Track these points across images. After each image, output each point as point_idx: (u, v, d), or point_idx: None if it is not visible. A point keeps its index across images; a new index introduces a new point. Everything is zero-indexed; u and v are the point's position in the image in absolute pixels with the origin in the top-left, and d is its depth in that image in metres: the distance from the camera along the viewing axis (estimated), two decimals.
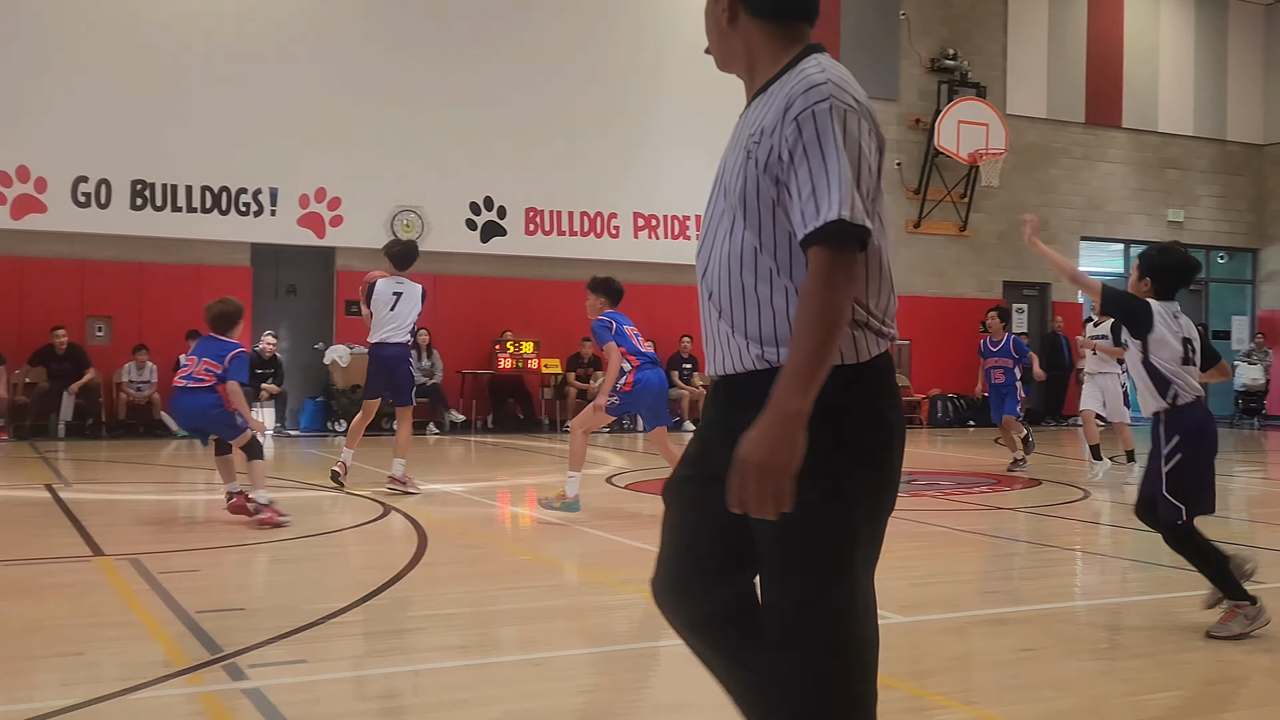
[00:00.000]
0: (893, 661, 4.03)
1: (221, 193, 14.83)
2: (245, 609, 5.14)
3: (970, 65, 18.58)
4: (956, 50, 18.58)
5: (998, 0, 18.96)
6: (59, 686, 3.85)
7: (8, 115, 13.98)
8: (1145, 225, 20.18)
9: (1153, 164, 20.49)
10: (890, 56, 18.42)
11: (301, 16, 15.43)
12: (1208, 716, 3.65)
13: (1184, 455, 4.18)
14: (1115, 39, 20.00)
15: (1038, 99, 19.52)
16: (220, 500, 7.84)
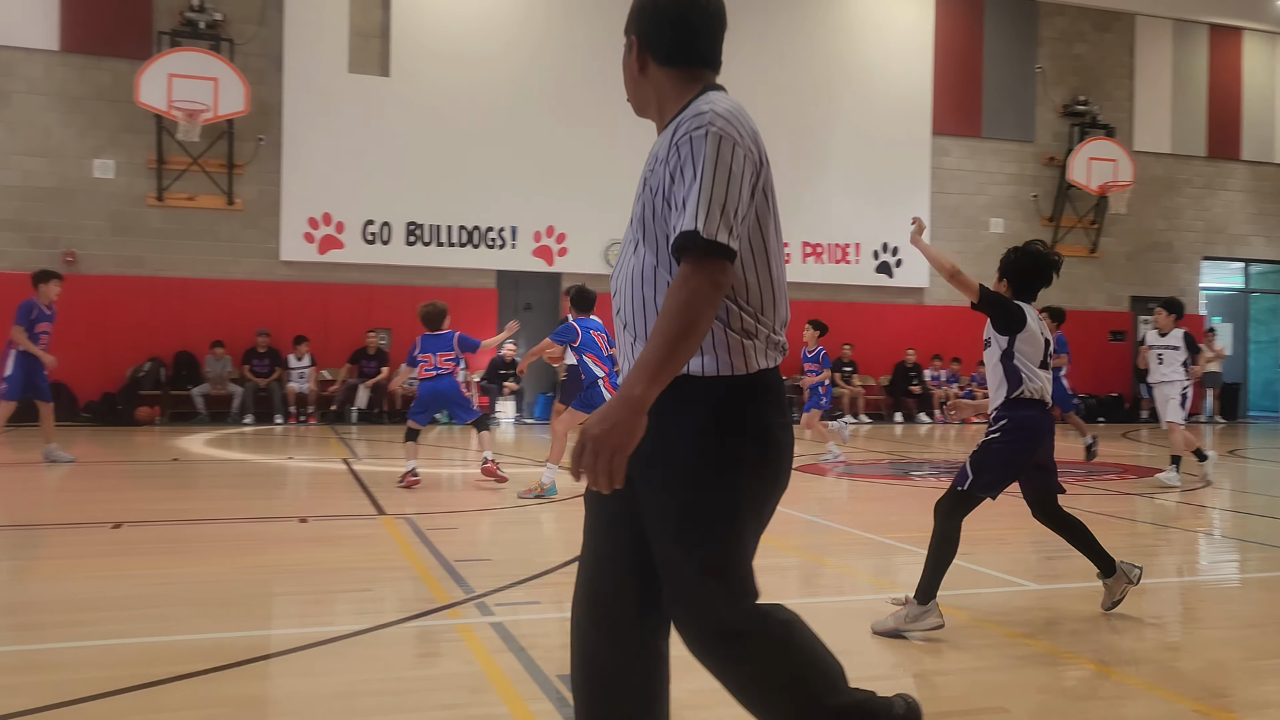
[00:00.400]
0: (1027, 622, 4.22)
1: (474, 231, 16.83)
2: (491, 560, 5.67)
3: (1100, 109, 19.64)
4: (1087, 97, 19.69)
5: (1125, 52, 20.07)
6: (354, 615, 4.40)
7: (319, 174, 16.30)
8: (1264, 246, 21.09)
9: (1270, 192, 21.13)
10: (1027, 104, 19.55)
11: (536, 84, 16.89)
12: None
13: (1002, 439, 4.15)
14: (1234, 80, 20.75)
15: (1163, 136, 20.38)
16: (474, 472, 8.84)
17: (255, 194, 15.95)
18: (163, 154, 15.66)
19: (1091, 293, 19.90)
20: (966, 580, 4.97)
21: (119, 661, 3.58)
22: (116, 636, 3.96)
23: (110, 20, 15.47)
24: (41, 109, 15.32)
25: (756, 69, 17.41)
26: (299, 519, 6.97)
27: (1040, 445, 4.20)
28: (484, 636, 4.00)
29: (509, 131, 16.63)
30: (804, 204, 17.71)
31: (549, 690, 3.30)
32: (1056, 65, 19.73)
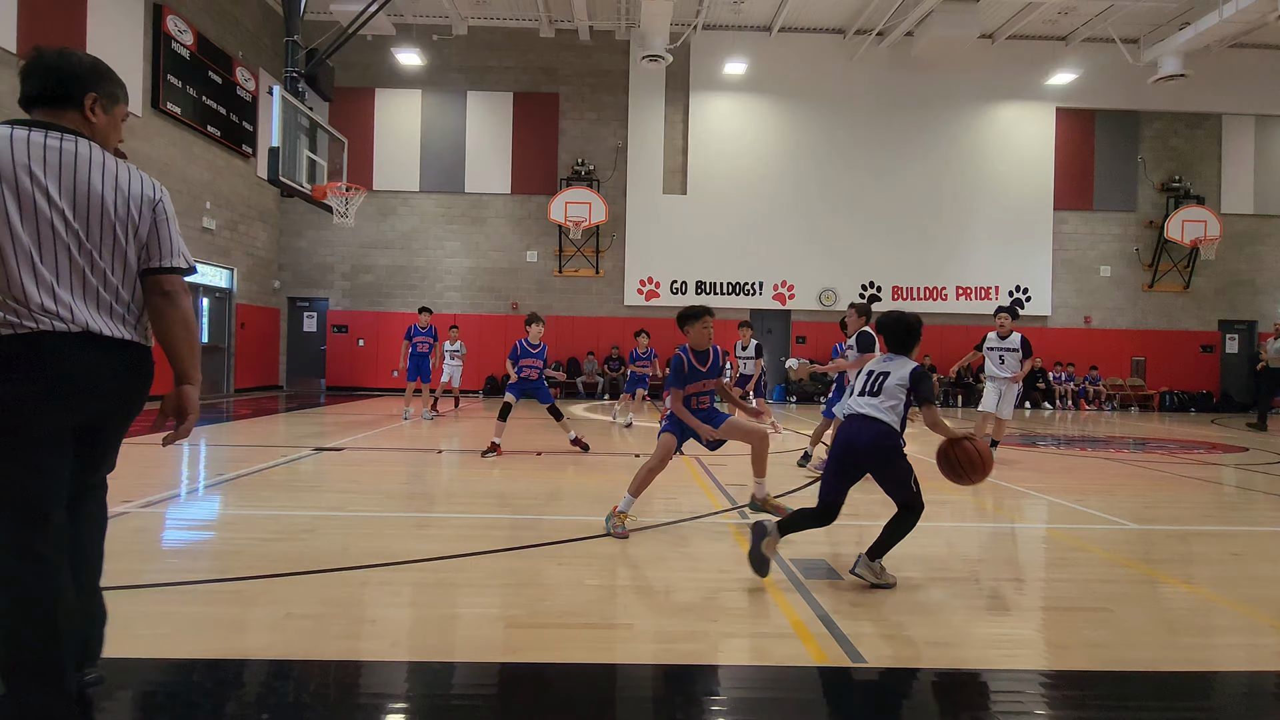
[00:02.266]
0: (1129, 553, 3.75)
1: (736, 284, 17.30)
2: (747, 485, 3.88)
3: (1191, 184, 17.98)
4: (1181, 175, 18.10)
5: (1214, 141, 18.21)
6: (664, 512, 4.39)
7: (646, 254, 17.61)
8: None
9: None
10: (1130, 184, 18.23)
11: (771, 193, 17.36)
12: None
13: None
14: None
15: (1247, 200, 18.40)
16: None
17: (611, 267, 17.30)
18: (562, 246, 17.56)
19: (1185, 317, 18.32)
20: (1079, 518, 4.68)
21: (541, 528, 4.01)
22: (544, 514, 4.38)
23: (536, 173, 17.60)
24: (502, 225, 17.69)
25: (924, 170, 17.31)
26: (635, 455, 7.08)
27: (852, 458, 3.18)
28: (743, 531, 3.99)
29: (757, 220, 17.11)
30: (957, 260, 17.34)
31: (784, 567, 3.36)
32: (1155, 155, 18.16)
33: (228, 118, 14.75)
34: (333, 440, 7.62)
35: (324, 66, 10.81)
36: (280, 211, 17.40)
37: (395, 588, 3.00)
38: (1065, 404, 17.37)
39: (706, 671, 2.31)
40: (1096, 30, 16.89)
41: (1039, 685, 2.28)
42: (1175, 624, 2.82)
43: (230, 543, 3.68)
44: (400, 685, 2.21)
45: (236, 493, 4.88)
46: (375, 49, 17.35)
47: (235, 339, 15.63)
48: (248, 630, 2.54)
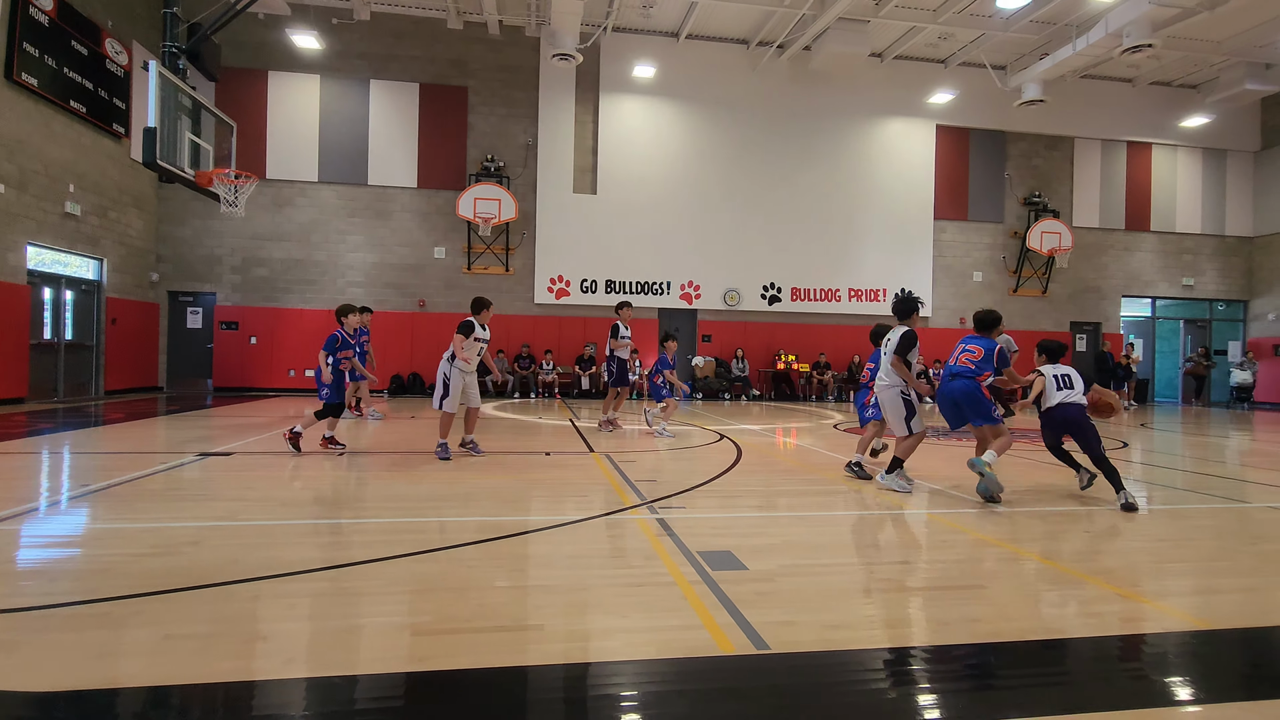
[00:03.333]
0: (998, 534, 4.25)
1: (645, 283, 17.27)
2: (656, 480, 5.44)
3: (1048, 199, 19.66)
4: (1040, 192, 19.74)
5: (1067, 162, 19.97)
6: (575, 509, 4.38)
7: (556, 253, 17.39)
8: (1166, 287, 20.47)
9: (1172, 250, 20.59)
10: (999, 197, 19.69)
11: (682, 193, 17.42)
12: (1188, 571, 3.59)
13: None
14: (1145, 177, 20.36)
15: (1093, 215, 20.23)
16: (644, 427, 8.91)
17: (521, 265, 16.90)
18: (471, 243, 17.06)
19: (1043, 319, 19.97)
20: (955, 503, 4.97)
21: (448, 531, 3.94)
22: (450, 516, 4.28)
23: (444, 168, 17.03)
24: (408, 219, 16.99)
25: (820, 178, 17.93)
26: (545, 453, 7.00)
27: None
28: (651, 525, 4.02)
29: (666, 222, 17.20)
30: (849, 264, 18.16)
31: (692, 560, 3.35)
32: (1019, 171, 19.78)
33: (95, 93, 13.32)
34: (221, 444, 7.12)
35: (209, 43, 9.97)
36: (159, 198, 15.92)
37: (291, 600, 2.83)
38: None
39: (618, 668, 2.31)
40: (971, 56, 18.20)
41: (925, 660, 2.43)
42: (1038, 596, 3.04)
43: (98, 560, 3.34)
44: (298, 704, 2.08)
45: (106, 505, 4.46)
46: (268, 28, 16.18)
47: (105, 336, 14.15)
48: (120, 656, 2.31)
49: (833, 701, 2.11)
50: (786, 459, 6.93)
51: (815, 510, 4.55)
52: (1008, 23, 16.49)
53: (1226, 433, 11.00)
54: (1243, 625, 2.75)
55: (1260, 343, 20.33)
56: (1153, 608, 2.94)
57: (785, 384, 17.27)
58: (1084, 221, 20.07)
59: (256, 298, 16.46)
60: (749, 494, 4.97)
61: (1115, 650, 2.57)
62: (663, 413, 8.90)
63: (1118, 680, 2.34)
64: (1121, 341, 19.94)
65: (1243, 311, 21.05)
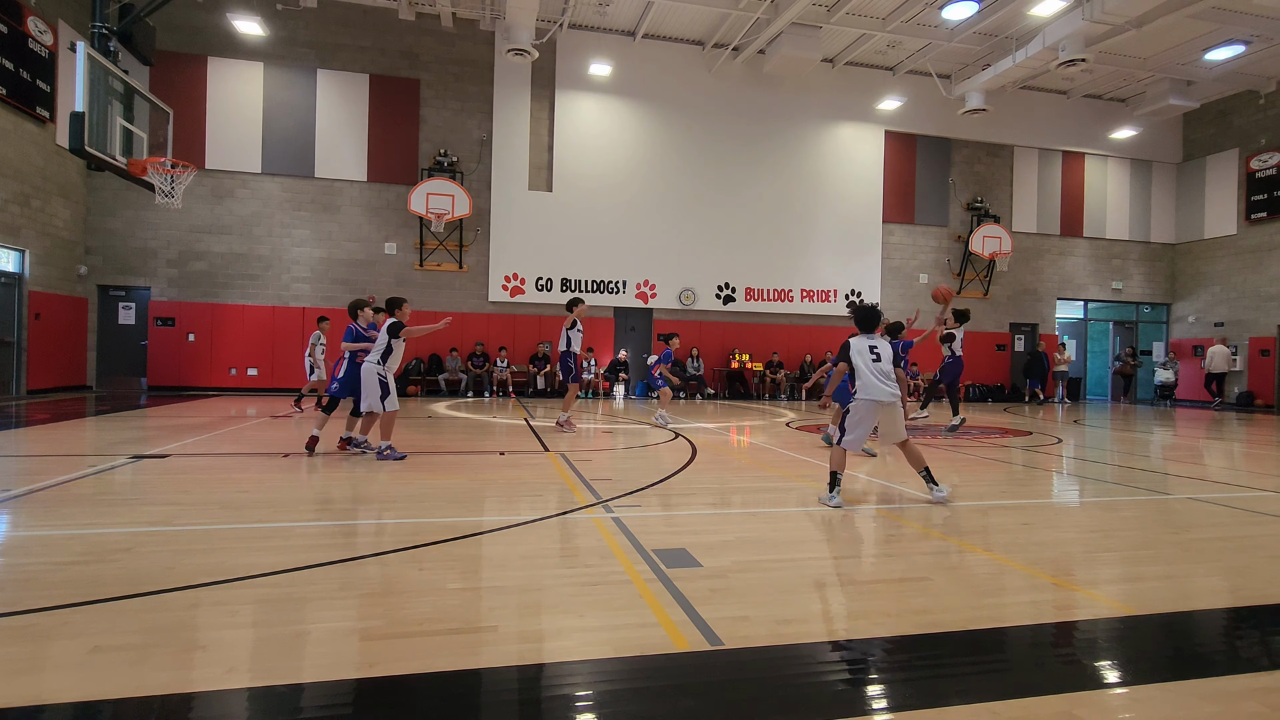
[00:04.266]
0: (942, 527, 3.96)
1: (601, 282, 17.32)
2: (611, 479, 5.41)
3: (990, 205, 20.42)
4: (982, 198, 20.48)
5: (1007, 169, 20.74)
6: (531, 509, 4.36)
7: (511, 250, 17.21)
8: (1098, 290, 21.46)
9: (1103, 255, 21.57)
10: (944, 202, 20.31)
11: (637, 193, 17.58)
12: None
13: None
14: (1078, 185, 21.27)
15: (1031, 220, 21.04)
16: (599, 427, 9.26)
17: (475, 262, 16.71)
18: (423, 239, 16.67)
19: (984, 320, 20.59)
20: (900, 498, 5.13)
21: (399, 533, 3.85)
22: (401, 518, 4.17)
23: (395, 162, 16.64)
24: (357, 214, 16.52)
25: (774, 180, 18.18)
26: (499, 452, 6.94)
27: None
28: (605, 523, 4.02)
29: (621, 221, 17.27)
30: (801, 265, 18.48)
31: (647, 558, 3.37)
32: (963, 178, 20.41)
33: (16, 74, 12.55)
34: (156, 446, 6.83)
35: (142, 25, 9.49)
36: (87, 188, 15.09)
37: (232, 607, 2.73)
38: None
39: (573, 668, 2.30)
40: (918, 64, 18.74)
41: (876, 651, 2.49)
42: (979, 587, 3.12)
43: (19, 569, 3.16)
44: (239, 715, 2.00)
45: (29, 510, 4.23)
46: (207, 12, 15.52)
47: (27, 332, 13.34)
48: (43, 670, 2.19)
49: (786, 695, 2.14)
50: (740, 457, 6.96)
51: (768, 507, 4.59)
52: (953, 33, 17.04)
53: (1151, 429, 11.36)
54: (1165, 610, 2.89)
55: (1181, 343, 21.44)
56: (1084, 595, 3.05)
57: (739, 383, 17.47)
58: (1023, 226, 20.86)
59: (195, 293, 15.77)
60: (704, 492, 4.99)
61: (1049, 637, 2.67)
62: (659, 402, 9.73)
63: (1051, 665, 2.44)
64: (1056, 341, 20.82)
65: (1166, 314, 22.06)
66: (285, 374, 15.69)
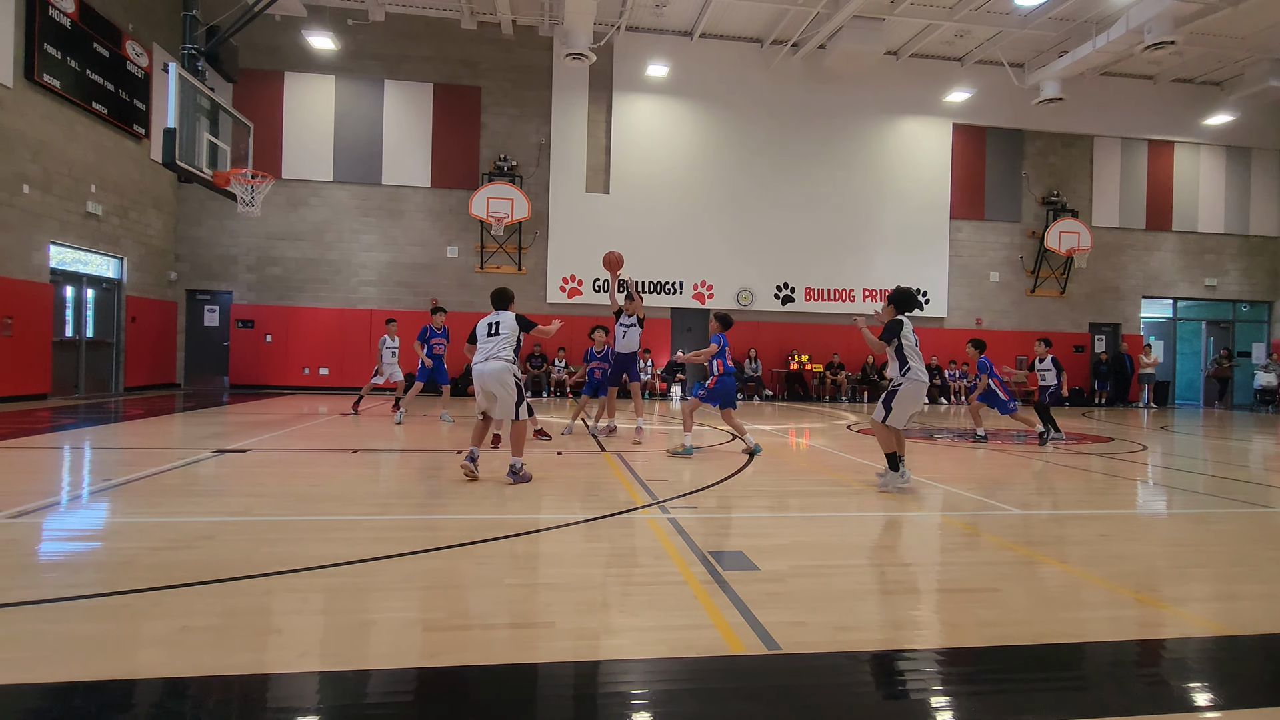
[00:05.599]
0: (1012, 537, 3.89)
1: (658, 283, 17.55)
2: (667, 480, 5.46)
3: (1067, 199, 19.45)
4: (1059, 191, 19.54)
5: (1086, 160, 19.72)
6: (585, 508, 4.40)
7: (568, 252, 17.42)
8: (1188, 288, 20.18)
9: (1194, 250, 20.30)
10: (1016, 197, 19.52)
11: (693, 193, 17.57)
12: None
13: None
14: (1167, 176, 20.03)
15: (1113, 214, 19.99)
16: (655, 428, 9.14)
17: (533, 264, 17.10)
18: (484, 242, 17.08)
19: (1061, 320, 19.79)
20: (969, 505, 4.91)
21: (458, 528, 3.92)
22: (461, 514, 4.27)
23: (457, 168, 17.11)
24: (421, 219, 17.09)
25: (834, 177, 17.92)
26: (557, 452, 7.02)
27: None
28: (661, 523, 4.04)
29: (678, 221, 17.32)
30: (863, 264, 18.13)
31: (703, 560, 3.34)
32: (1037, 171, 19.57)
33: (116, 95, 13.55)
34: (236, 441, 7.19)
35: (227, 45, 10.10)
36: (177, 198, 16.15)
37: (304, 595, 2.84)
38: (959, 399, 18.50)
39: (628, 666, 2.30)
40: (988, 53, 18.03)
41: (936, 662, 2.40)
42: (1053, 600, 3.00)
43: (118, 553, 3.38)
44: (310, 697, 2.09)
45: (126, 499, 4.53)
46: (284, 30, 16.37)
47: (125, 333, 14.38)
48: (138, 647, 2.33)
49: (843, 702, 2.11)
50: (799, 460, 6.92)
51: (827, 511, 4.53)
52: (1026, 20, 16.32)
53: (1249, 436, 10.84)
54: (1264, 631, 2.71)
55: None
56: (1171, 613, 2.90)
57: (799, 384, 17.33)
58: (1103, 221, 19.86)
59: (271, 296, 16.65)
60: (761, 494, 4.96)
61: (1132, 655, 2.54)
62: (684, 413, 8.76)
63: (1133, 685, 2.32)
64: (1141, 343, 19.72)
65: (1267, 313, 20.84)
66: (354, 373, 16.37)
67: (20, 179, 11.55)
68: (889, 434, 4.99)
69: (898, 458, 4.97)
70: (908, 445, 6.31)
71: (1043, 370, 9.50)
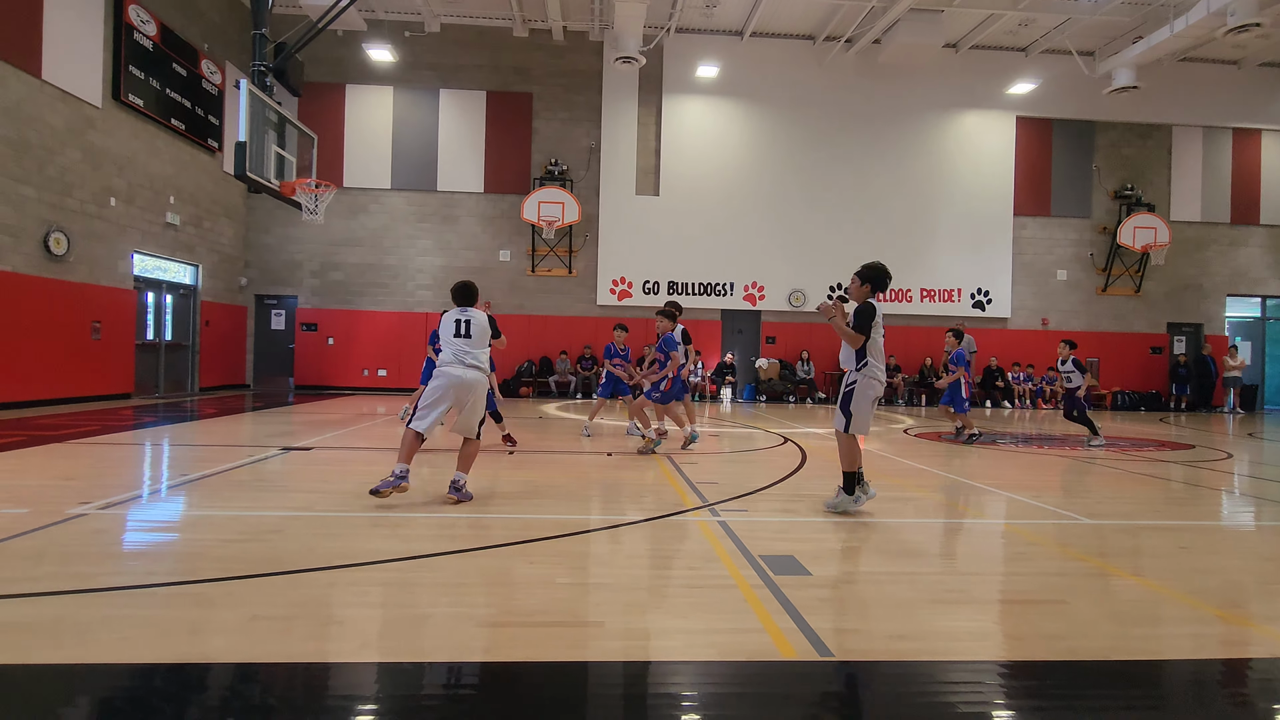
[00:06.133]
0: (1082, 547, 3.75)
1: (707, 284, 17.49)
2: (717, 482, 5.47)
3: (1142, 192, 18.48)
4: (1133, 184, 18.58)
5: (1164, 151, 18.70)
6: (635, 510, 4.43)
7: (619, 254, 17.61)
8: (1278, 286, 19.02)
9: None
10: (1085, 191, 18.69)
11: (742, 196, 17.70)
12: None
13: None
14: (1254, 166, 18.89)
15: (1193, 208, 18.91)
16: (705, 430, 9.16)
17: (583, 266, 17.27)
18: (535, 246, 17.33)
19: (1136, 320, 18.83)
20: (1035, 513, 4.75)
21: (510, 527, 3.96)
22: (512, 513, 4.34)
23: (509, 173, 17.44)
24: (474, 224, 17.48)
25: (890, 175, 17.59)
26: (608, 453, 7.09)
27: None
28: (711, 526, 4.05)
29: (729, 222, 17.29)
30: (921, 263, 17.69)
31: (753, 564, 3.32)
32: (1108, 163, 18.67)
33: (192, 111, 14.35)
34: (300, 440, 7.47)
35: (293, 61, 10.58)
36: (247, 208, 16.98)
37: (363, 588, 2.95)
38: (1024, 403, 17.79)
39: (677, 668, 2.31)
40: (1054, 42, 17.27)
41: (997, 675, 2.33)
42: (1126, 615, 2.87)
43: (193, 544, 3.58)
44: (370, 686, 2.17)
45: (200, 493, 4.77)
46: (345, 44, 17.02)
47: (200, 337, 15.20)
48: (211, 633, 2.47)
49: (900, 713, 2.06)
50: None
51: (883, 517, 4.43)
52: (1096, 6, 15.61)
53: None
54: None
55: None
56: (1258, 631, 2.73)
57: None
58: (1183, 215, 18.80)
59: (333, 300, 17.32)
60: (813, 498, 4.87)
61: (1215, 674, 2.41)
62: None
63: (1218, 705, 2.21)
64: (1226, 344, 18.54)
65: None
66: (411, 375, 16.87)
67: (108, 193, 12.35)
68: (852, 446, 4.30)
69: (857, 476, 4.32)
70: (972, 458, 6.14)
71: (1066, 373, 9.37)
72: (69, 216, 11.44)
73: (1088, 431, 9.09)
